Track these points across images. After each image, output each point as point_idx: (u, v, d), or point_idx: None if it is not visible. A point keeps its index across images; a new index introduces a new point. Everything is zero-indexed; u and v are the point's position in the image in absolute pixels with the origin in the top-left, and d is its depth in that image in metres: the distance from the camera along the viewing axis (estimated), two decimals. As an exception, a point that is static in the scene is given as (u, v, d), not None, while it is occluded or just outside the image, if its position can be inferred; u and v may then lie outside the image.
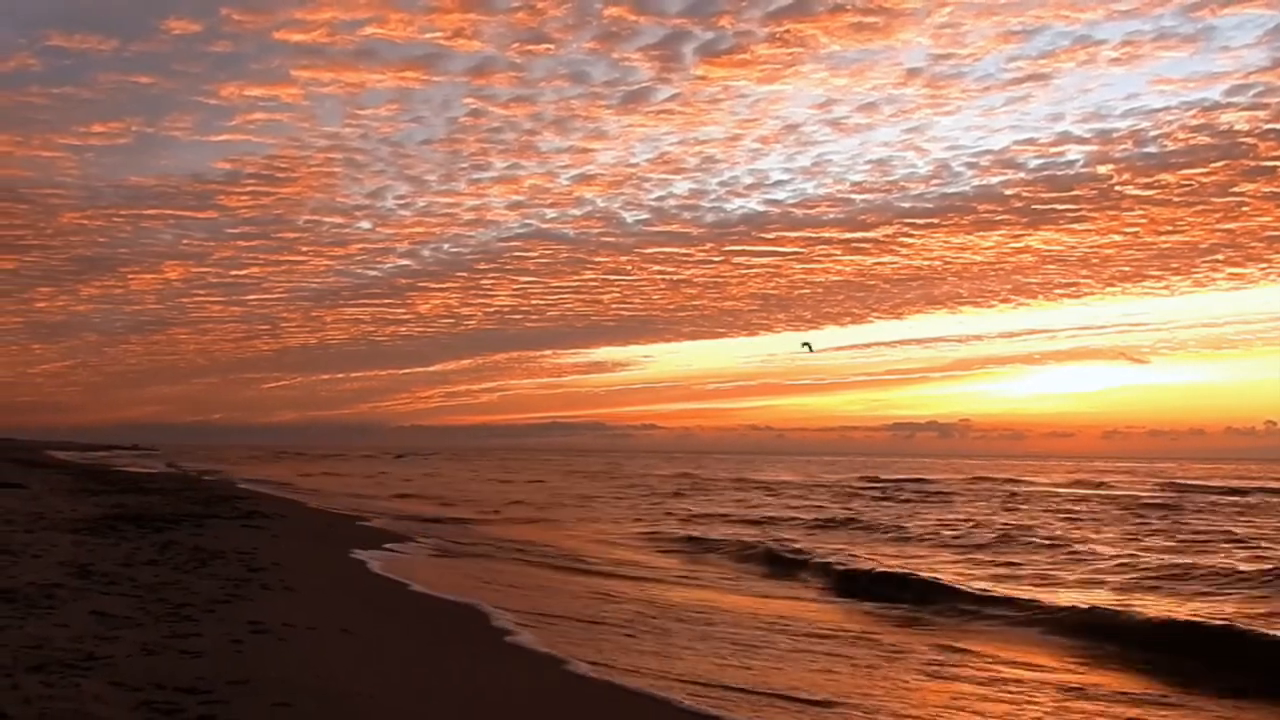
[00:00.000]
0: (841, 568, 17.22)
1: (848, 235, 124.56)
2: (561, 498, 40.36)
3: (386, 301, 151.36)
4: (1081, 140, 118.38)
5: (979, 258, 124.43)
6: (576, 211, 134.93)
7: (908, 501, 37.73)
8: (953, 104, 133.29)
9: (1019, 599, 13.94)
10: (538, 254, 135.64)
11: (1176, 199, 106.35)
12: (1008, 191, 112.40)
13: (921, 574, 16.20)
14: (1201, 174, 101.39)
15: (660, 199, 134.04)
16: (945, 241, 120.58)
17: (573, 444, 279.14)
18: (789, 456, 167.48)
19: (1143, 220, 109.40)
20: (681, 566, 18.66)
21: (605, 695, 7.81)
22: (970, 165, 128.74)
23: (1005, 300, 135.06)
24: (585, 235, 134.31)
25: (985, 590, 14.67)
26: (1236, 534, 24.09)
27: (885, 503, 37.13)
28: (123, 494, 27.86)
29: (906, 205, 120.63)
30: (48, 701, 5.80)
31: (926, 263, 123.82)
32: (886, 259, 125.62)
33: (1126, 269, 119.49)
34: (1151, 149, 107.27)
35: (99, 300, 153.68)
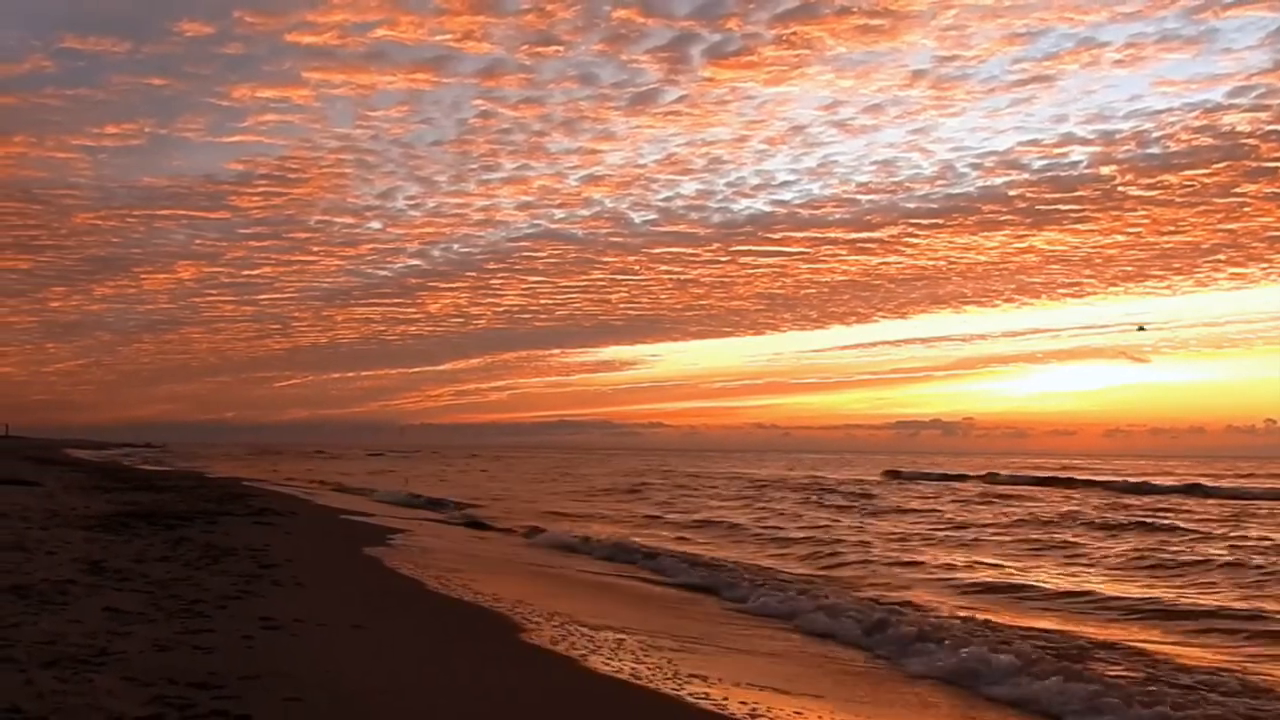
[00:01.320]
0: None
1: (853, 235, 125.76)
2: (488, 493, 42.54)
3: (397, 301, 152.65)
4: (1085, 141, 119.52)
5: (983, 258, 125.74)
6: (585, 212, 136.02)
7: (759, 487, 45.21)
8: (958, 105, 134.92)
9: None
10: (546, 254, 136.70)
11: (1179, 199, 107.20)
12: (1012, 192, 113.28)
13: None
14: (1204, 175, 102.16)
15: (668, 199, 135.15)
16: (950, 242, 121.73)
17: (580, 442, 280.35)
18: (791, 454, 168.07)
19: (1145, 220, 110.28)
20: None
21: (616, 694, 7.82)
22: (975, 166, 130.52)
23: (1009, 300, 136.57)
24: (593, 235, 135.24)
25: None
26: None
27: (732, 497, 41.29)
28: (136, 491, 28.00)
29: (911, 206, 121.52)
30: (61, 696, 5.83)
31: (931, 263, 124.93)
32: (892, 259, 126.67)
33: (1129, 269, 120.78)
34: (1154, 150, 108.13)
35: (112, 300, 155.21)
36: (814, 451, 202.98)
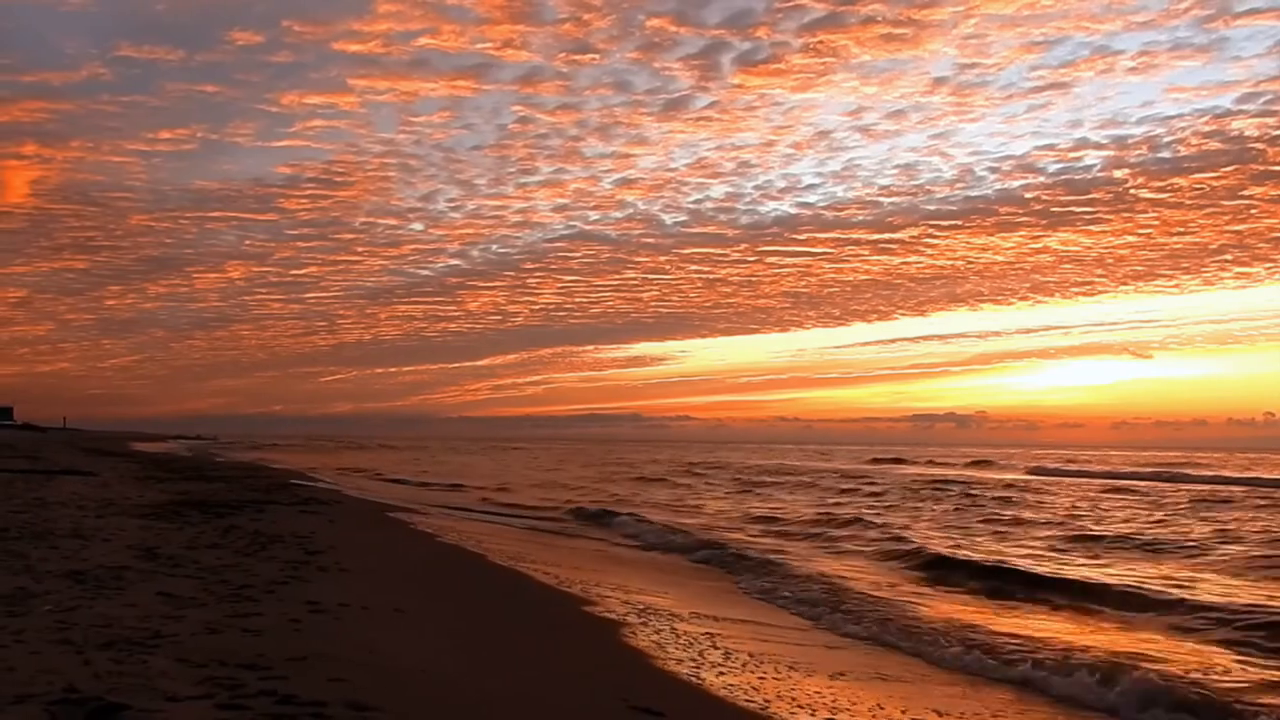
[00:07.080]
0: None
1: (875, 236, 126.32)
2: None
3: (437, 299, 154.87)
4: (1099, 146, 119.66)
5: (1000, 258, 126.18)
6: (618, 214, 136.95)
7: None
8: (977, 111, 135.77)
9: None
10: (581, 254, 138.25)
11: (1188, 202, 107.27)
12: (1028, 195, 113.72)
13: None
14: (1212, 178, 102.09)
15: (698, 202, 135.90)
16: (968, 242, 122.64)
17: (611, 434, 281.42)
18: (806, 446, 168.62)
19: (1155, 222, 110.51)
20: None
21: (649, 670, 7.94)
22: (993, 170, 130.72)
23: (1024, 298, 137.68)
24: (626, 236, 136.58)
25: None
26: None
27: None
28: (187, 481, 28.62)
29: (932, 208, 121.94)
30: (117, 677, 6.06)
31: (950, 262, 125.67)
32: (912, 259, 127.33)
33: (1139, 268, 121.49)
34: (1165, 154, 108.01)
35: (166, 298, 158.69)
36: (836, 443, 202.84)
